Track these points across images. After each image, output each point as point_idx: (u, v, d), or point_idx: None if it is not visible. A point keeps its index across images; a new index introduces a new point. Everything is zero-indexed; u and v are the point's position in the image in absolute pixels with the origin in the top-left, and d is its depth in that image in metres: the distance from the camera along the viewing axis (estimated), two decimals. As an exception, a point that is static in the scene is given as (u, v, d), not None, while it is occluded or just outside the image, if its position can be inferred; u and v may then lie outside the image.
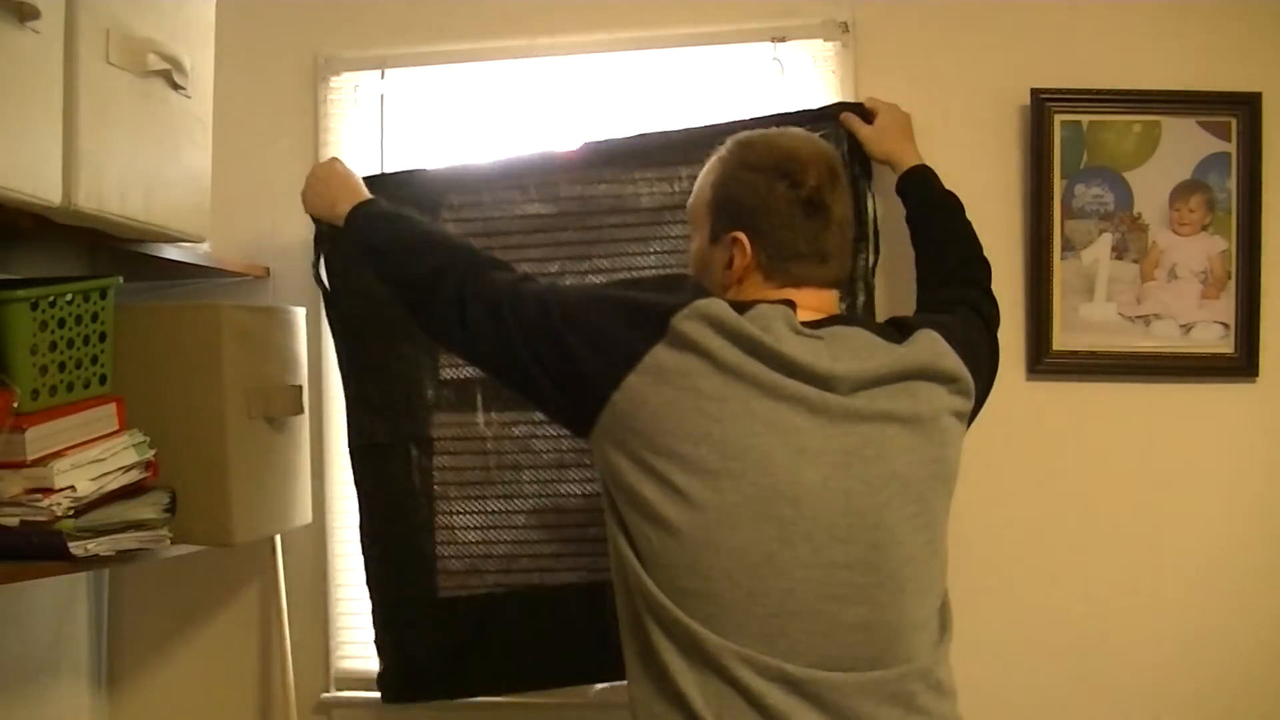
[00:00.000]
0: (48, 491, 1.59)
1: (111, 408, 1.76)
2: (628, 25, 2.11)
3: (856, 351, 1.36)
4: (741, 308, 1.34)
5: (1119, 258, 2.00)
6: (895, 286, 1.97)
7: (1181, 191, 1.99)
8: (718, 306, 1.33)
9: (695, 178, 1.55)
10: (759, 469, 1.29)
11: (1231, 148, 1.97)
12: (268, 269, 2.18)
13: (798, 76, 2.08)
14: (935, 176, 1.85)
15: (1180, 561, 1.99)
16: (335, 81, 2.19)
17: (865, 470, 1.32)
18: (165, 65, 1.70)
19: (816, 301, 1.43)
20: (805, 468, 1.30)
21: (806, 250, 1.43)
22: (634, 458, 1.33)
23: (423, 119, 2.22)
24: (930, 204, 1.84)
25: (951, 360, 1.41)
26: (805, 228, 1.42)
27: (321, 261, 1.99)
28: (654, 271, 1.95)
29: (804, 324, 1.36)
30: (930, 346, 1.41)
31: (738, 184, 1.45)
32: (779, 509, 1.29)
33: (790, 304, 1.38)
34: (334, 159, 1.85)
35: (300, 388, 2.02)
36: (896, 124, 1.92)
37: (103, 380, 1.77)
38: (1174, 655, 1.98)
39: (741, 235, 1.43)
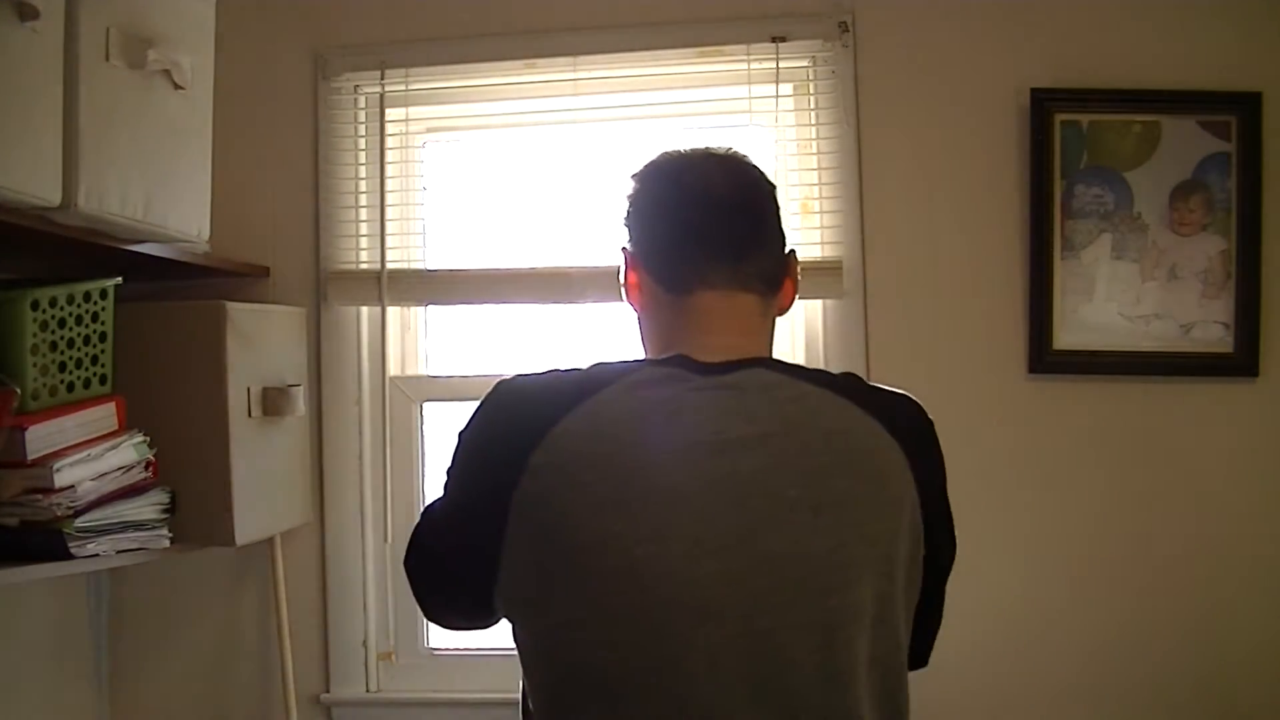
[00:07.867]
0: (48, 491, 1.59)
1: (111, 408, 1.75)
2: (629, 24, 2.11)
3: None
4: None
5: (1119, 258, 2.00)
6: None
7: (1181, 191, 1.98)
8: None
9: None
10: None
11: (1231, 148, 1.97)
12: (268, 268, 2.18)
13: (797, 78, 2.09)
14: None
15: (1180, 559, 1.99)
16: (335, 82, 2.19)
17: None
18: (165, 64, 1.70)
19: None
20: None
21: None
22: None
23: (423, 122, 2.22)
24: None
25: None
26: None
27: None
28: None
29: None
30: None
31: None
32: None
33: None
34: None
35: (300, 387, 2.02)
36: None
37: (103, 380, 1.77)
38: (1174, 653, 1.98)
39: None
